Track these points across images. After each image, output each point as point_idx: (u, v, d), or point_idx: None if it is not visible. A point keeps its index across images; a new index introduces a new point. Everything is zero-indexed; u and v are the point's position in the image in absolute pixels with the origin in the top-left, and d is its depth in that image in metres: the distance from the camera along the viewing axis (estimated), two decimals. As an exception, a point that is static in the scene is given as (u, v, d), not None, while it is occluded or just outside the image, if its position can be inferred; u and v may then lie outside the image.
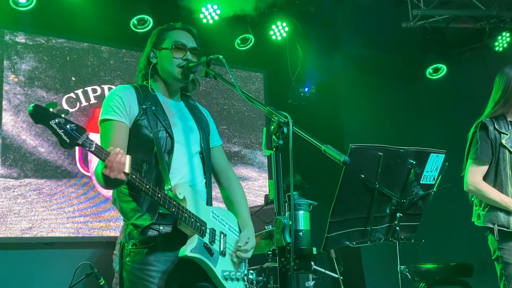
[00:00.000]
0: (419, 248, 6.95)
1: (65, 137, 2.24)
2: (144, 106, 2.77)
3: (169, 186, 2.65)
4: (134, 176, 2.47)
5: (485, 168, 3.93)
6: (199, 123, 2.97)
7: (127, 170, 2.40)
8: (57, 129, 2.22)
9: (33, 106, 2.19)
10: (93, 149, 2.33)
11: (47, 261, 5.92)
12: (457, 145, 4.27)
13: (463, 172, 4.02)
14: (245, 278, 2.89)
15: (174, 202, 2.60)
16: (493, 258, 3.89)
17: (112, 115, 2.71)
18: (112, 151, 2.39)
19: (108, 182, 2.46)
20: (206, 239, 2.72)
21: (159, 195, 2.55)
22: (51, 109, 2.23)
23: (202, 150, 2.91)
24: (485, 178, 3.92)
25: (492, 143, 3.90)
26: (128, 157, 2.42)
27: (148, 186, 2.51)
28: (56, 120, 2.22)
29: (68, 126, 2.25)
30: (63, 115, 2.25)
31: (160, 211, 2.65)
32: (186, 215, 2.63)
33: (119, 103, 2.73)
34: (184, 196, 2.67)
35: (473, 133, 4.00)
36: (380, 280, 7.14)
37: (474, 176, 3.92)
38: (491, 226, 3.84)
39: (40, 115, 2.21)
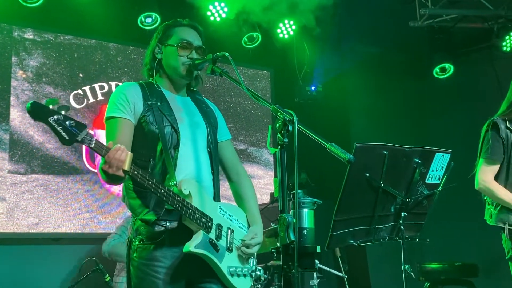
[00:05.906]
0: (426, 248, 6.93)
1: (64, 134, 2.21)
2: (149, 102, 2.77)
3: (174, 182, 2.64)
4: (136, 172, 2.45)
5: (496, 167, 3.91)
6: (206, 118, 2.97)
7: (126, 167, 2.38)
8: (56, 126, 2.20)
9: (31, 104, 2.17)
10: (93, 145, 2.32)
11: (53, 256, 5.94)
12: (464, 144, 4.26)
13: (474, 170, 4.01)
14: (252, 274, 2.87)
15: (178, 198, 2.59)
16: (507, 258, 3.86)
17: (117, 113, 2.72)
18: (112, 147, 2.38)
19: (108, 177, 2.46)
20: (212, 235, 2.71)
21: (162, 191, 2.53)
22: (51, 106, 2.21)
23: (209, 145, 2.90)
24: (496, 177, 3.91)
25: (504, 142, 3.88)
26: (129, 154, 2.40)
27: (150, 182, 2.49)
28: (55, 117, 2.20)
29: (67, 123, 2.22)
30: (63, 112, 2.23)
31: (166, 207, 2.64)
32: (190, 210, 2.62)
33: (123, 101, 2.74)
34: (189, 192, 2.65)
35: (485, 132, 3.98)
36: (385, 279, 7.13)
37: (486, 175, 3.91)
38: (502, 225, 3.82)
39: (38, 112, 2.18)
